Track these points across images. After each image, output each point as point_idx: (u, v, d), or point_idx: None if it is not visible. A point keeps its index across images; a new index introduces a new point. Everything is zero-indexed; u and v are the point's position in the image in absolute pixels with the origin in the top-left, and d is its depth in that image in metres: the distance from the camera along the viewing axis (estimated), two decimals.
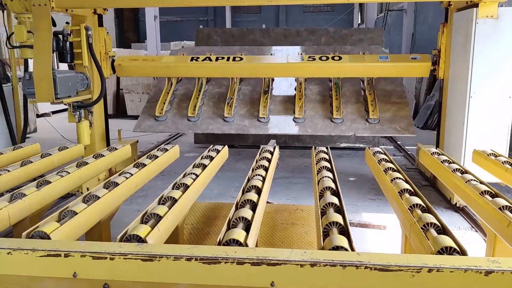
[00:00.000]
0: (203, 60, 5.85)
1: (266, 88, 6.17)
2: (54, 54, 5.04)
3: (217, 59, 5.87)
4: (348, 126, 5.60)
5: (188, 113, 5.91)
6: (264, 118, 5.73)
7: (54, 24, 4.91)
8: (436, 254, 1.85)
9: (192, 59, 5.89)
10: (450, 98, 5.22)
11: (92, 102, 5.42)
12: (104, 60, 5.68)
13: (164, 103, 6.10)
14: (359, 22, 26.33)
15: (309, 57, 5.83)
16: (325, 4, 28.72)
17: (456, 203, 4.80)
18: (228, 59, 5.86)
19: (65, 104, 5.14)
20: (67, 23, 5.30)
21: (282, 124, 5.77)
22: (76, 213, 2.25)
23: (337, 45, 7.46)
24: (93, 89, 5.53)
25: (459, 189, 3.03)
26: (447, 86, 5.31)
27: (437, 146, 5.47)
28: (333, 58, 5.74)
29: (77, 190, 4.94)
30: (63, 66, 5.99)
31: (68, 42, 5.20)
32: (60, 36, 5.12)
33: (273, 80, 6.43)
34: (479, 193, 2.71)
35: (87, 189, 4.81)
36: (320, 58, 5.76)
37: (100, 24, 5.70)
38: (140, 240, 1.92)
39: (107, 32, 5.77)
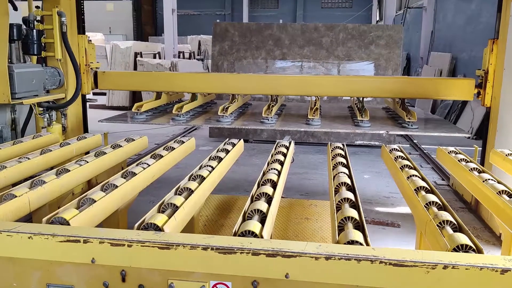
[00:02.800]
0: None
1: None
2: (16, 44, 4.33)
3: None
4: (379, 128, 4.57)
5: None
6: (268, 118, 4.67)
7: (15, 8, 4.33)
8: (452, 251, 1.84)
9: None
10: (502, 135, 4.08)
11: (65, 103, 4.63)
12: (84, 74, 4.95)
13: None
14: (378, 19, 26.10)
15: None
16: (343, 0, 28.53)
17: None
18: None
19: (32, 105, 4.29)
20: (37, 7, 4.56)
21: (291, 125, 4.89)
22: (95, 201, 2.29)
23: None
24: (67, 86, 4.74)
25: (475, 188, 3.00)
26: (496, 118, 4.21)
27: None
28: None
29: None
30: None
31: (34, 30, 4.42)
32: (29, 23, 4.41)
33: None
34: (496, 193, 2.69)
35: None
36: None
37: (82, 30, 4.94)
38: (157, 228, 1.96)
39: (89, 40, 5.04)
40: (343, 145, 3.81)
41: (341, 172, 2.91)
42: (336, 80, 5.17)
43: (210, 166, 3.06)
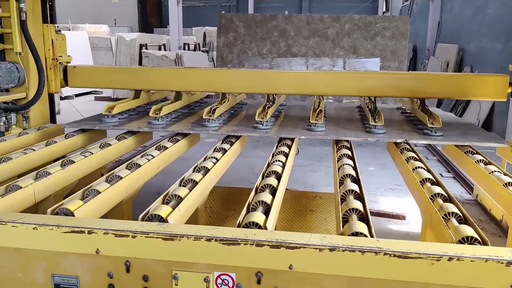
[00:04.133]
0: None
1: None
2: None
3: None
4: (396, 136, 3.64)
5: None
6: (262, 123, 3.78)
7: None
8: (457, 243, 1.83)
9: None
10: None
11: (26, 104, 3.96)
12: (51, 69, 4.20)
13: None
14: (384, 10, 25.91)
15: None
16: None
17: None
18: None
19: None
20: None
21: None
22: (99, 192, 2.30)
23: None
24: (29, 84, 4.04)
25: (481, 180, 2.98)
26: None
27: None
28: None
29: None
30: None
31: None
32: None
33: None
34: (503, 185, 2.67)
35: None
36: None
37: (48, 20, 4.25)
38: (162, 220, 1.96)
39: (58, 30, 4.28)
40: None
41: (346, 164, 2.90)
42: (344, 77, 4.20)
43: (214, 157, 3.06)
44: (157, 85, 4.41)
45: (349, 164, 2.89)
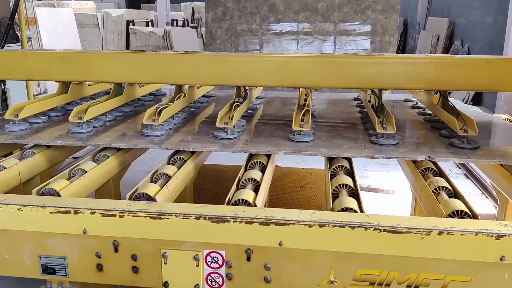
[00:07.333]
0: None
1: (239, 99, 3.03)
2: None
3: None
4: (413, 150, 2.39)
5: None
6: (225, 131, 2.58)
7: None
8: (447, 217, 1.83)
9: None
10: None
11: None
12: None
13: None
14: None
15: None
16: None
17: None
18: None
19: None
20: None
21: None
22: (86, 172, 2.26)
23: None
24: None
25: None
26: None
27: None
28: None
29: None
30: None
31: None
32: None
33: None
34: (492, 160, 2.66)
35: None
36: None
37: None
38: (149, 198, 1.93)
39: None
40: None
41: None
42: (340, 62, 2.71)
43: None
44: (87, 76, 3.07)
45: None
